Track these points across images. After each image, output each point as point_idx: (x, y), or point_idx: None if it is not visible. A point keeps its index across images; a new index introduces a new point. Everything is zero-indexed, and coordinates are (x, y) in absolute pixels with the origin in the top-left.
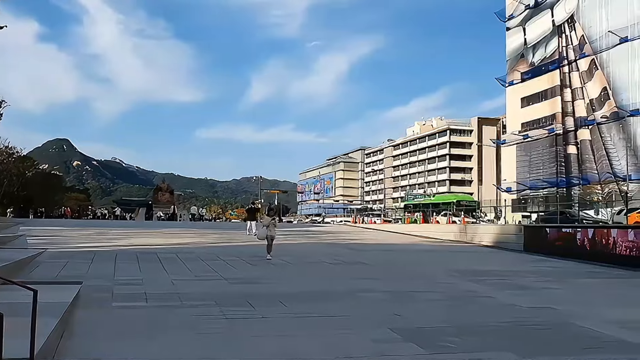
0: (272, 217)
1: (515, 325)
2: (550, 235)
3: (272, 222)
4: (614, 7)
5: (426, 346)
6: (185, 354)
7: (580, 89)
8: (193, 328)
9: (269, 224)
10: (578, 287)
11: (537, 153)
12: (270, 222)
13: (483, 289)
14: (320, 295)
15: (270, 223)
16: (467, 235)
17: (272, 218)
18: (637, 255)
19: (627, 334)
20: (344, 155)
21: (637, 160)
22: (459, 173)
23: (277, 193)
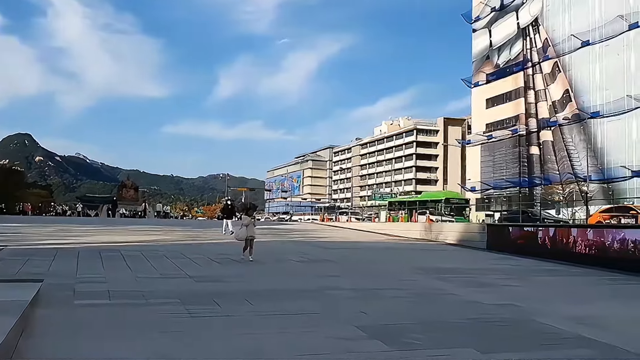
0: (251, 216)
1: (477, 322)
2: (512, 233)
3: (251, 221)
4: (577, 12)
5: (391, 343)
6: (149, 353)
7: (544, 90)
8: (157, 327)
9: (248, 224)
10: (538, 285)
11: (501, 153)
12: (250, 221)
13: (447, 286)
14: (287, 294)
15: (250, 222)
16: (432, 234)
17: (252, 217)
18: (596, 253)
19: (585, 330)
20: (312, 154)
21: (597, 162)
22: (425, 172)
23: (245, 191)
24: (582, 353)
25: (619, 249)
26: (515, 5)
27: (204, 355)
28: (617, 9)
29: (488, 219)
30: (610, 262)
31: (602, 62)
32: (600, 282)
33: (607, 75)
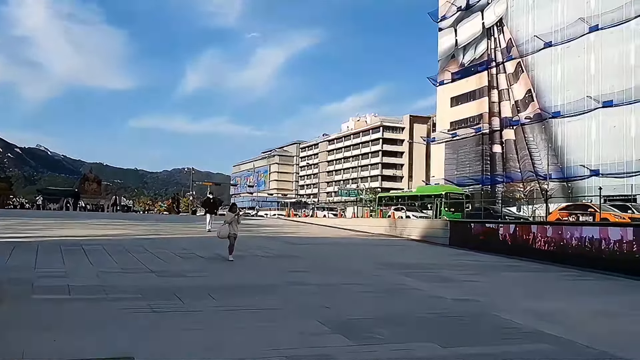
0: (235, 212)
1: (440, 317)
2: (474, 230)
3: (235, 218)
4: (540, 13)
5: (353, 337)
6: (110, 349)
7: (507, 90)
8: (117, 322)
9: (231, 221)
10: (499, 280)
11: (464, 151)
12: (233, 218)
13: (411, 281)
14: (251, 289)
15: (233, 220)
16: (397, 230)
17: (236, 214)
18: (555, 250)
19: (544, 325)
20: (279, 149)
21: (557, 161)
22: (391, 169)
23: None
24: (540, 348)
25: (577, 246)
26: (481, 6)
27: (165, 350)
28: (578, 12)
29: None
30: (568, 259)
31: (563, 63)
32: (559, 278)
33: (568, 76)
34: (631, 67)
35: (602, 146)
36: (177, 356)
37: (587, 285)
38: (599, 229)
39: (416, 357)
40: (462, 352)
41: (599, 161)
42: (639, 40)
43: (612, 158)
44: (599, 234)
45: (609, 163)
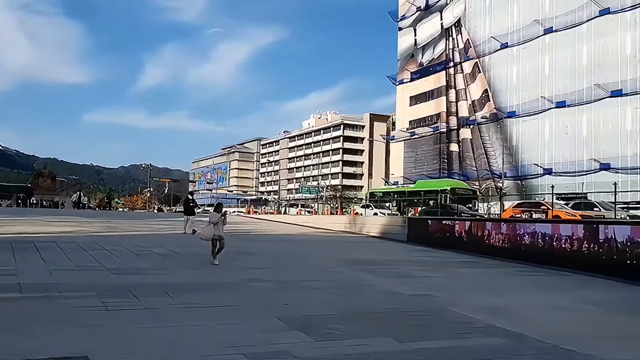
0: (221, 212)
1: (397, 312)
2: (431, 227)
3: (220, 219)
4: (497, 15)
5: (312, 334)
6: (63, 348)
7: (464, 90)
8: (71, 321)
9: (217, 222)
10: (455, 276)
11: (422, 150)
12: (220, 219)
13: (369, 277)
14: (209, 286)
15: (219, 220)
16: (357, 226)
17: (222, 214)
18: (509, 246)
19: (497, 319)
20: (239, 145)
21: (512, 159)
22: (351, 167)
23: (168, 182)
24: (494, 342)
25: (529, 242)
26: (440, 6)
27: (120, 349)
28: (533, 14)
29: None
30: (522, 255)
31: (519, 64)
32: (513, 273)
33: (523, 77)
34: (583, 68)
35: (555, 145)
36: (132, 355)
37: (539, 280)
38: (551, 225)
39: (373, 352)
40: (417, 347)
41: (552, 160)
42: (590, 42)
43: (565, 157)
44: (551, 230)
45: (561, 162)
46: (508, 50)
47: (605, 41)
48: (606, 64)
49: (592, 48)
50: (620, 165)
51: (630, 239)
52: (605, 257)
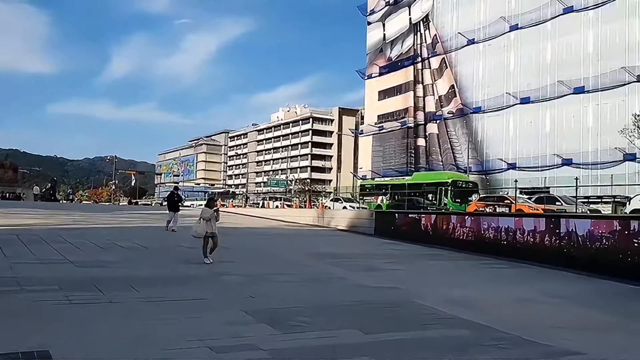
0: (213, 208)
1: (364, 304)
2: (398, 220)
3: (213, 215)
4: (464, 11)
5: (278, 327)
6: (24, 343)
7: (431, 85)
8: (32, 315)
9: (209, 218)
10: (420, 269)
11: (390, 144)
12: (212, 214)
13: (337, 270)
14: (175, 279)
15: (211, 216)
16: (325, 220)
17: (215, 210)
18: (473, 239)
19: (461, 311)
20: (207, 138)
21: (477, 154)
22: (320, 160)
23: (133, 174)
24: (458, 333)
25: (493, 236)
26: (408, 1)
27: (83, 343)
28: (500, 11)
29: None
30: (486, 248)
31: (485, 60)
32: (477, 266)
33: (489, 73)
34: (547, 65)
35: (519, 141)
36: (95, 349)
37: (503, 273)
38: (514, 219)
39: (339, 344)
40: (383, 338)
41: (516, 155)
42: (554, 40)
43: (528, 152)
44: (514, 224)
45: (525, 157)
46: (474, 47)
47: (568, 39)
48: (569, 61)
49: (556, 45)
50: (582, 160)
51: (590, 233)
52: (566, 250)
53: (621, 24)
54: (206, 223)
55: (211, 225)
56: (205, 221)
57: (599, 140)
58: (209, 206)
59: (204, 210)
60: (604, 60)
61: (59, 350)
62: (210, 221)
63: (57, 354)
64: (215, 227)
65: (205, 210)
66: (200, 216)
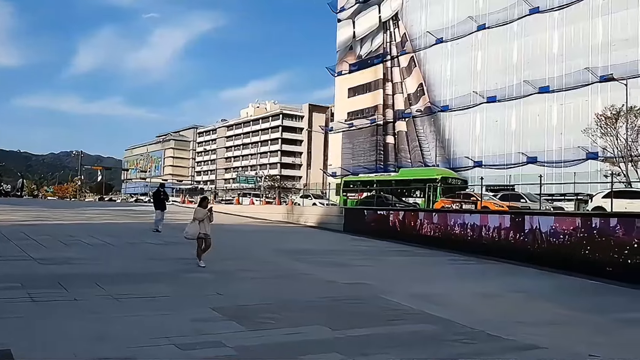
0: (207, 207)
1: (332, 300)
2: (367, 217)
3: (207, 215)
4: (433, 10)
5: (245, 323)
6: None
7: (400, 83)
8: None
9: (203, 218)
10: (389, 265)
11: (360, 141)
12: (206, 215)
13: (305, 267)
14: (142, 277)
15: (205, 216)
16: (294, 216)
17: (208, 210)
18: (440, 236)
19: (428, 306)
20: (175, 133)
21: (445, 152)
22: (290, 157)
23: (100, 170)
24: (424, 328)
25: (460, 232)
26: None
27: (46, 341)
28: (468, 10)
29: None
30: (452, 244)
31: (452, 59)
32: (444, 262)
33: (456, 72)
34: (513, 65)
35: (485, 139)
36: (59, 348)
37: (469, 269)
38: (480, 216)
39: (306, 341)
40: (350, 334)
41: (482, 153)
42: (520, 40)
43: (494, 150)
44: (479, 221)
45: (491, 155)
46: (443, 46)
47: (534, 39)
48: (535, 61)
49: (522, 45)
50: (546, 158)
51: (553, 229)
52: (530, 247)
53: (585, 25)
54: (199, 224)
55: (204, 226)
56: (198, 222)
57: (563, 139)
58: (202, 206)
59: (197, 211)
60: (568, 60)
61: (21, 349)
62: (204, 222)
63: (19, 353)
64: (209, 228)
65: (198, 210)
66: (193, 217)
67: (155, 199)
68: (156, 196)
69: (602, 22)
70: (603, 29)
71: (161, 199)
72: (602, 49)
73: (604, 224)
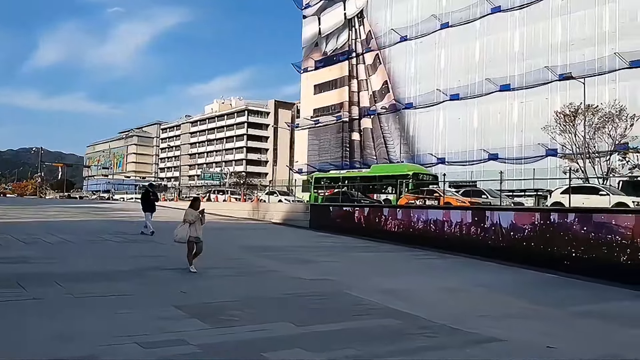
0: (199, 209)
1: (296, 297)
2: (333, 213)
3: (198, 217)
4: (397, 8)
5: (209, 321)
6: None
7: (366, 80)
8: None
9: (194, 220)
10: (353, 260)
11: (326, 138)
12: (197, 217)
13: (271, 263)
14: (104, 275)
15: (196, 219)
16: (260, 213)
17: (200, 212)
18: (404, 231)
19: (393, 301)
20: (138, 129)
21: (409, 149)
22: (256, 153)
23: (61, 166)
24: (387, 322)
25: (423, 227)
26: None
27: (5, 343)
28: (431, 9)
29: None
30: (416, 239)
31: (417, 57)
32: (407, 257)
33: (420, 70)
34: (475, 63)
35: (448, 136)
36: (19, 348)
37: (432, 263)
38: (443, 212)
39: (270, 337)
40: (314, 330)
41: (445, 150)
42: (482, 39)
43: (457, 147)
44: (442, 216)
45: (453, 152)
46: (407, 43)
47: (496, 38)
48: (496, 59)
49: (484, 44)
50: (507, 155)
51: (513, 225)
52: (491, 241)
53: (545, 24)
54: (190, 227)
55: (196, 229)
56: (189, 225)
57: (523, 136)
58: (193, 207)
59: (188, 212)
60: (528, 59)
61: None
62: (195, 224)
63: None
64: (200, 231)
65: (189, 212)
66: (183, 218)
67: (144, 200)
68: (145, 197)
69: (562, 21)
70: (562, 28)
71: (151, 201)
72: (561, 48)
73: (562, 219)
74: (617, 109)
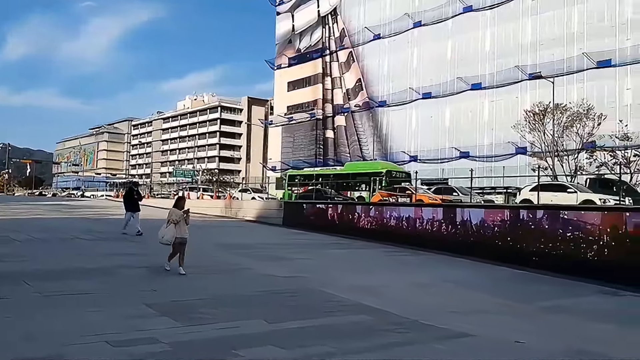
0: (182, 209)
1: (269, 294)
2: (306, 210)
3: (183, 217)
4: (371, 6)
5: (180, 319)
6: None
7: (339, 78)
8: None
9: (179, 220)
10: (327, 257)
11: (300, 135)
12: (182, 217)
13: (244, 261)
14: (73, 273)
15: (181, 219)
16: (233, 211)
17: (185, 211)
18: (377, 228)
19: (365, 298)
20: (109, 126)
21: (382, 146)
22: (229, 150)
23: (29, 163)
24: (360, 319)
25: (395, 225)
26: None
27: None
28: (404, 8)
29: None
30: (388, 236)
31: (390, 55)
32: (380, 254)
33: (393, 68)
34: (447, 62)
35: (420, 134)
36: None
37: (404, 260)
38: (415, 209)
39: (242, 335)
40: (287, 327)
41: (418, 148)
42: (454, 38)
43: (429, 145)
44: (414, 213)
45: (426, 150)
46: (380, 42)
47: (467, 37)
48: (468, 58)
49: (456, 43)
50: (478, 153)
51: (483, 221)
52: (461, 238)
53: (515, 24)
54: (175, 227)
55: (181, 229)
56: (174, 225)
57: (494, 135)
58: (177, 206)
59: (172, 212)
60: (499, 58)
61: None
62: (180, 224)
63: None
64: (186, 231)
65: (173, 211)
66: (167, 218)
67: (127, 199)
68: (128, 196)
69: (531, 22)
70: (532, 28)
71: (135, 200)
72: (530, 48)
73: (531, 216)
74: (585, 108)
